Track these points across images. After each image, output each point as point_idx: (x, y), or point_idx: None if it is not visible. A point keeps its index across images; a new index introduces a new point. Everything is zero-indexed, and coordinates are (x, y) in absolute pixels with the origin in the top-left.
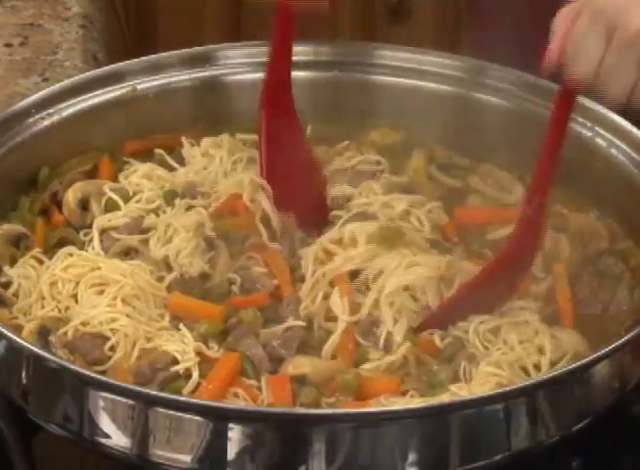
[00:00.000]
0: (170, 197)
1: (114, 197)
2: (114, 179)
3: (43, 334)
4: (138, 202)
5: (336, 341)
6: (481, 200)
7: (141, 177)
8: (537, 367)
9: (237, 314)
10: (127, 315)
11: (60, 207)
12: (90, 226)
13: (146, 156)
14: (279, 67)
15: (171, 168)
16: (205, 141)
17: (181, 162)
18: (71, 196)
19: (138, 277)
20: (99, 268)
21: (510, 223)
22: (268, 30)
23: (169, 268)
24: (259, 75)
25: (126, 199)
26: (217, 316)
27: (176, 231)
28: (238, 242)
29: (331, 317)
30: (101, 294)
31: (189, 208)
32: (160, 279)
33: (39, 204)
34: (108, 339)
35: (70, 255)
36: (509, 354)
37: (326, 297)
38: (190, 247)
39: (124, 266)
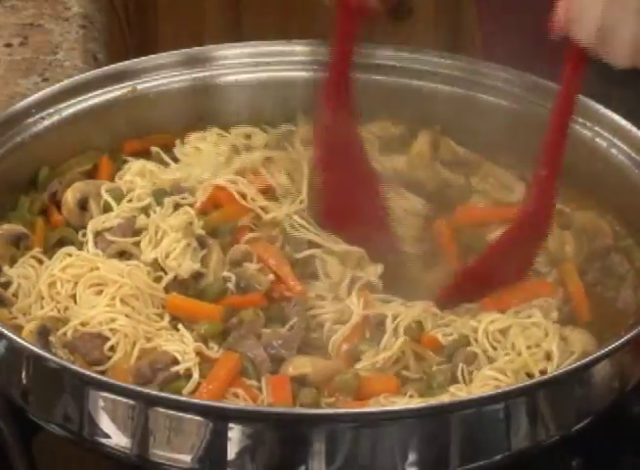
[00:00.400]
0: (159, 195)
1: (109, 199)
2: (113, 179)
3: (43, 334)
4: (130, 201)
5: (346, 333)
6: (482, 198)
7: (134, 175)
8: (544, 374)
9: (237, 314)
10: (126, 315)
11: (59, 206)
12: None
13: (145, 156)
14: (341, 63)
15: (167, 165)
16: (193, 136)
17: (177, 160)
18: (70, 196)
19: (135, 277)
20: (97, 268)
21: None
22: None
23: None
24: (259, 75)
25: (120, 199)
26: (217, 317)
27: (165, 233)
28: (228, 234)
29: (340, 320)
30: (99, 294)
31: (177, 206)
32: (158, 279)
33: (39, 203)
34: (107, 339)
35: (69, 255)
36: (515, 362)
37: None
38: (179, 248)
39: (122, 266)
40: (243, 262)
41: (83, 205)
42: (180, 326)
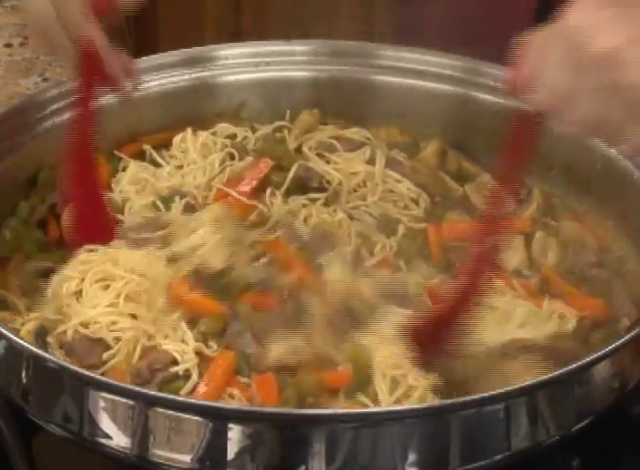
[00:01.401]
0: (165, 201)
1: None
2: (110, 180)
3: (40, 335)
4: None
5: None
6: (472, 209)
7: (129, 183)
8: None
9: (235, 308)
10: (130, 314)
11: (58, 217)
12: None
13: (142, 156)
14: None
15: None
16: (177, 138)
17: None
18: (67, 217)
19: (152, 268)
20: (110, 261)
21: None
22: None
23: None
24: (259, 75)
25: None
26: (218, 313)
27: (198, 226)
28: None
29: None
30: (106, 289)
31: (186, 207)
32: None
33: (37, 215)
34: (107, 346)
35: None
36: None
37: None
38: (212, 241)
39: (139, 257)
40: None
41: None
42: (183, 324)
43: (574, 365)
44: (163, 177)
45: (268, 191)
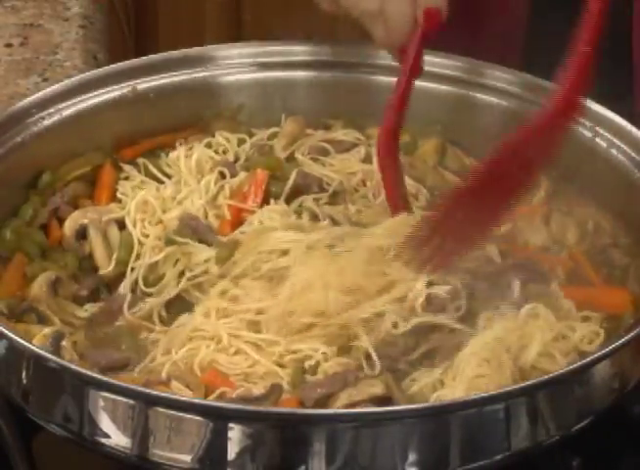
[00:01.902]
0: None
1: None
2: (115, 187)
3: (56, 339)
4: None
5: None
6: None
7: (136, 210)
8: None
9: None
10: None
11: (60, 221)
12: (89, 256)
13: (145, 156)
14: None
15: (158, 179)
16: (171, 155)
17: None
18: (68, 228)
19: None
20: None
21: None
22: (270, 32)
23: None
24: (259, 75)
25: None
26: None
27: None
28: None
29: None
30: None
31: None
32: None
33: (40, 219)
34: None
35: None
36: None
37: None
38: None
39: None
40: None
41: (83, 233)
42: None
43: (574, 365)
44: (167, 198)
45: (272, 202)
